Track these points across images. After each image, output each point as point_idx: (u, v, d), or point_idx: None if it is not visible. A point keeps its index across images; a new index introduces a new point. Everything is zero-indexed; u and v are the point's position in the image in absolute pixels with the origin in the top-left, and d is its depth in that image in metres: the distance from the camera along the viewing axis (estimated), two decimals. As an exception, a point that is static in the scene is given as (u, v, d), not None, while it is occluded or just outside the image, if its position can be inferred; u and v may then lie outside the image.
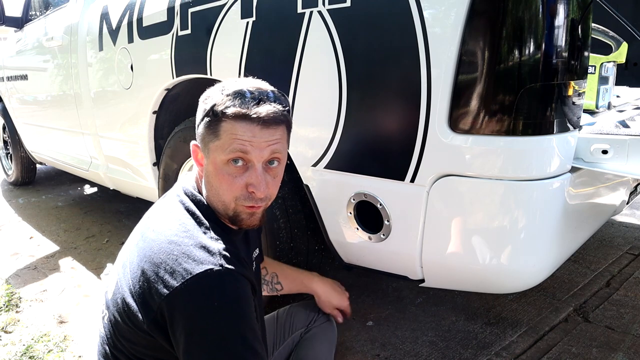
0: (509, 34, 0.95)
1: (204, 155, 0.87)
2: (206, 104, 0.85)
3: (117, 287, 0.86)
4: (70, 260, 2.39)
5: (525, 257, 1.08)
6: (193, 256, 0.77)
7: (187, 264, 0.76)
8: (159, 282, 0.76)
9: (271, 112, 0.82)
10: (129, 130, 2.03)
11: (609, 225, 2.50)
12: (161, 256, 0.78)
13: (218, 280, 0.75)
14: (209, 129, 0.84)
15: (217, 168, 0.84)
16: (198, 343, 0.74)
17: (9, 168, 4.02)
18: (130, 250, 0.87)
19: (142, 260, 0.81)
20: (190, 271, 0.75)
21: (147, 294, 0.78)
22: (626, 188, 1.49)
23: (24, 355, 1.60)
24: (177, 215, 0.86)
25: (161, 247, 0.79)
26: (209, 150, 0.85)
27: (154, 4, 1.69)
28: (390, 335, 1.61)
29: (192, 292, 0.74)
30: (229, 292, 0.76)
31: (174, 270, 0.76)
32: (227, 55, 1.42)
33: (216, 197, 0.87)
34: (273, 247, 1.42)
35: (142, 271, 0.80)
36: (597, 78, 1.36)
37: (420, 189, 1.09)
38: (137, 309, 0.79)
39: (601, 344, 1.51)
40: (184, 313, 0.75)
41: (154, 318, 0.77)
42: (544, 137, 0.99)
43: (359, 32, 1.12)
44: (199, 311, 0.74)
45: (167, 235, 0.81)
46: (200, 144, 0.87)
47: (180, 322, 0.75)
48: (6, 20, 3.01)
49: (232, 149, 0.82)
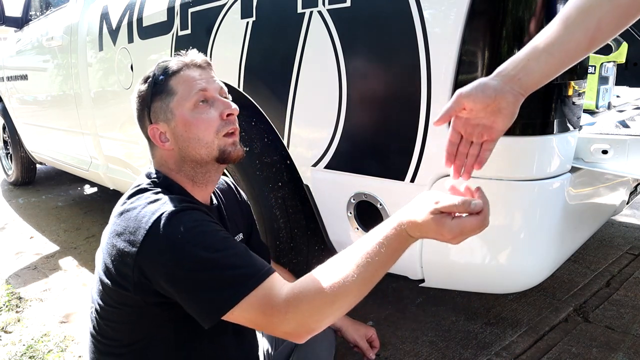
0: (509, 34, 0.95)
1: (168, 122, 0.90)
2: (146, 85, 0.91)
3: (96, 276, 0.89)
4: (70, 260, 2.39)
5: (525, 257, 1.08)
6: (147, 211, 0.80)
7: (144, 218, 0.79)
8: (127, 246, 0.79)
9: (202, 56, 0.94)
10: (129, 130, 2.03)
11: (609, 225, 2.50)
12: (122, 224, 0.82)
13: (175, 215, 0.78)
14: (162, 95, 0.89)
15: (187, 118, 0.89)
16: (184, 278, 0.76)
17: (9, 168, 4.02)
18: (103, 236, 0.90)
19: (108, 238, 0.84)
20: (148, 221, 0.78)
21: (121, 263, 0.80)
22: (626, 188, 1.49)
23: (24, 355, 1.60)
24: (138, 190, 0.89)
25: (121, 218, 0.83)
26: (172, 111, 0.89)
27: (154, 4, 1.69)
28: (390, 335, 1.61)
29: (156, 239, 0.77)
30: (187, 221, 0.78)
31: (135, 229, 0.79)
32: (227, 55, 1.42)
33: (198, 144, 0.89)
34: (273, 247, 1.42)
35: (110, 246, 0.83)
36: (597, 78, 1.36)
37: (420, 189, 1.09)
38: (119, 282, 0.82)
39: (601, 344, 1.51)
40: (158, 260, 0.77)
41: (137, 282, 0.79)
42: (544, 137, 0.99)
43: (359, 32, 1.12)
44: (169, 251, 0.76)
45: (128, 207, 0.84)
46: (160, 115, 0.91)
47: (160, 270, 0.77)
48: (6, 20, 3.01)
49: (193, 92, 0.88)
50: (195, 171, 0.92)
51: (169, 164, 0.93)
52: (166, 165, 0.93)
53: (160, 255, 0.77)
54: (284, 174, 1.43)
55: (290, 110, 1.28)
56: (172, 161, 0.93)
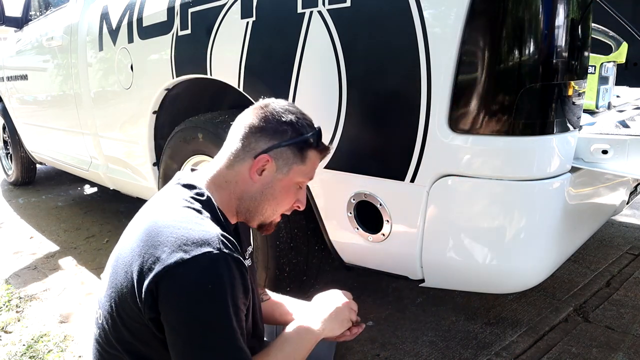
0: (509, 34, 0.95)
1: (276, 171, 0.93)
2: (290, 126, 0.92)
3: (111, 281, 0.87)
4: (70, 260, 2.39)
5: (525, 257, 1.08)
6: (191, 239, 0.78)
7: (186, 245, 0.77)
8: (156, 262, 0.77)
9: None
10: (129, 130, 2.03)
11: (609, 225, 2.50)
12: (159, 239, 0.79)
13: (215, 263, 0.78)
14: (297, 153, 0.93)
15: (288, 187, 0.95)
16: (185, 323, 0.76)
17: (9, 168, 4.02)
18: (125, 244, 0.87)
19: (138, 247, 0.82)
20: (189, 252, 0.77)
21: (142, 274, 0.79)
22: (626, 188, 1.49)
23: (24, 355, 1.60)
24: (177, 205, 0.88)
25: (159, 231, 0.81)
26: (289, 169, 0.93)
27: (154, 4, 1.69)
28: (390, 335, 1.61)
29: (188, 272, 0.76)
30: (222, 276, 0.78)
31: (171, 251, 0.77)
32: (227, 55, 1.42)
33: (270, 206, 0.96)
34: (273, 247, 1.42)
35: (138, 256, 0.81)
36: (597, 78, 1.36)
37: (420, 189, 1.09)
38: (133, 294, 0.80)
39: (601, 344, 1.52)
40: (178, 291, 0.76)
41: (146, 297, 0.78)
42: (544, 137, 0.99)
43: (359, 32, 1.12)
44: (193, 291, 0.76)
45: (165, 221, 0.82)
46: (280, 160, 0.92)
47: (172, 300, 0.76)
48: (6, 20, 3.01)
49: (307, 178, 0.97)
50: (246, 213, 0.96)
51: (238, 187, 0.93)
52: (233, 186, 0.93)
53: (179, 291, 0.77)
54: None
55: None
56: (242, 189, 0.93)
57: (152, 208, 0.91)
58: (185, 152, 1.70)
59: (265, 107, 0.94)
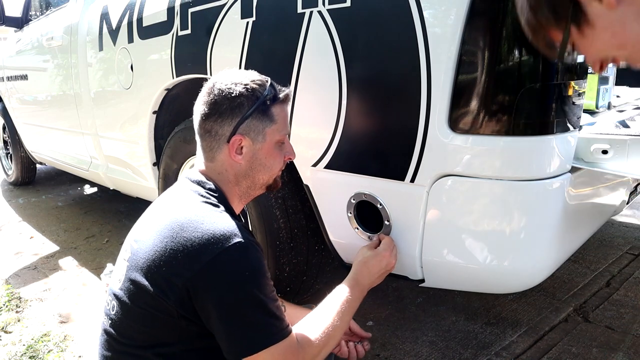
0: (509, 34, 0.95)
1: (253, 143, 0.95)
2: (250, 97, 0.93)
3: (128, 274, 0.88)
4: (70, 260, 2.39)
5: (525, 257, 1.08)
6: (218, 232, 0.82)
7: (214, 239, 0.81)
8: (189, 261, 0.81)
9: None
10: (129, 130, 2.03)
11: (609, 225, 2.50)
12: (185, 234, 0.83)
13: (245, 252, 0.83)
14: (263, 116, 0.94)
15: (270, 149, 0.98)
16: (234, 311, 0.81)
17: (9, 168, 4.02)
18: (143, 240, 0.88)
19: (162, 242, 0.84)
20: (220, 245, 0.81)
21: (173, 273, 0.82)
22: (626, 188, 1.49)
23: (24, 355, 1.60)
24: (193, 200, 0.91)
25: (183, 227, 0.84)
26: (264, 135, 0.95)
27: (154, 4, 1.69)
28: (390, 335, 1.61)
29: (223, 265, 0.81)
30: (254, 261, 0.84)
31: (202, 246, 0.81)
32: (227, 55, 1.42)
33: (265, 171, 0.99)
34: (273, 247, 1.42)
35: (162, 252, 0.83)
36: (597, 78, 1.36)
37: (420, 189, 1.09)
38: (162, 288, 0.82)
39: (601, 344, 1.52)
40: (219, 285, 0.80)
41: (180, 295, 0.81)
42: (544, 137, 0.99)
43: (359, 32, 1.12)
44: (232, 280, 0.80)
45: (188, 217, 0.85)
46: (251, 132, 0.94)
47: (214, 293, 0.80)
48: (6, 20, 3.02)
49: (284, 130, 0.98)
50: (248, 190, 1.00)
51: (229, 174, 0.97)
52: (224, 174, 0.97)
53: (220, 283, 0.80)
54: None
55: (290, 110, 1.28)
56: (233, 173, 0.97)
57: (169, 204, 0.93)
58: (185, 152, 1.70)
59: (212, 91, 0.94)
